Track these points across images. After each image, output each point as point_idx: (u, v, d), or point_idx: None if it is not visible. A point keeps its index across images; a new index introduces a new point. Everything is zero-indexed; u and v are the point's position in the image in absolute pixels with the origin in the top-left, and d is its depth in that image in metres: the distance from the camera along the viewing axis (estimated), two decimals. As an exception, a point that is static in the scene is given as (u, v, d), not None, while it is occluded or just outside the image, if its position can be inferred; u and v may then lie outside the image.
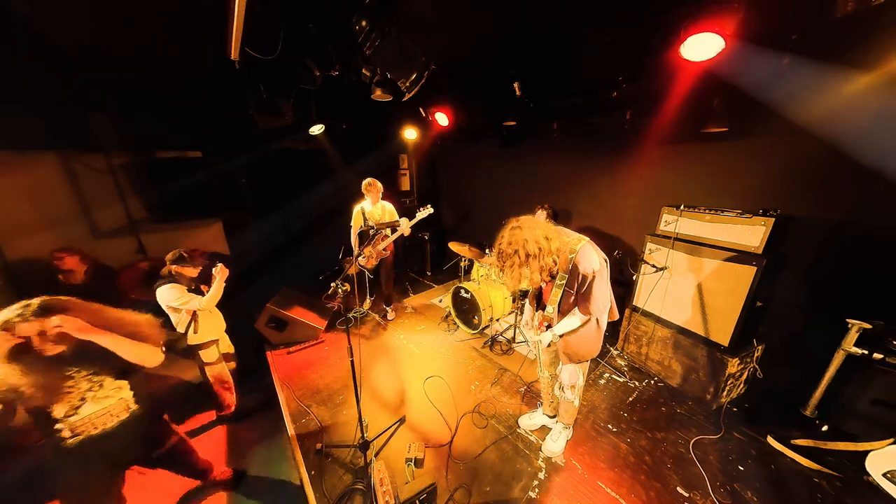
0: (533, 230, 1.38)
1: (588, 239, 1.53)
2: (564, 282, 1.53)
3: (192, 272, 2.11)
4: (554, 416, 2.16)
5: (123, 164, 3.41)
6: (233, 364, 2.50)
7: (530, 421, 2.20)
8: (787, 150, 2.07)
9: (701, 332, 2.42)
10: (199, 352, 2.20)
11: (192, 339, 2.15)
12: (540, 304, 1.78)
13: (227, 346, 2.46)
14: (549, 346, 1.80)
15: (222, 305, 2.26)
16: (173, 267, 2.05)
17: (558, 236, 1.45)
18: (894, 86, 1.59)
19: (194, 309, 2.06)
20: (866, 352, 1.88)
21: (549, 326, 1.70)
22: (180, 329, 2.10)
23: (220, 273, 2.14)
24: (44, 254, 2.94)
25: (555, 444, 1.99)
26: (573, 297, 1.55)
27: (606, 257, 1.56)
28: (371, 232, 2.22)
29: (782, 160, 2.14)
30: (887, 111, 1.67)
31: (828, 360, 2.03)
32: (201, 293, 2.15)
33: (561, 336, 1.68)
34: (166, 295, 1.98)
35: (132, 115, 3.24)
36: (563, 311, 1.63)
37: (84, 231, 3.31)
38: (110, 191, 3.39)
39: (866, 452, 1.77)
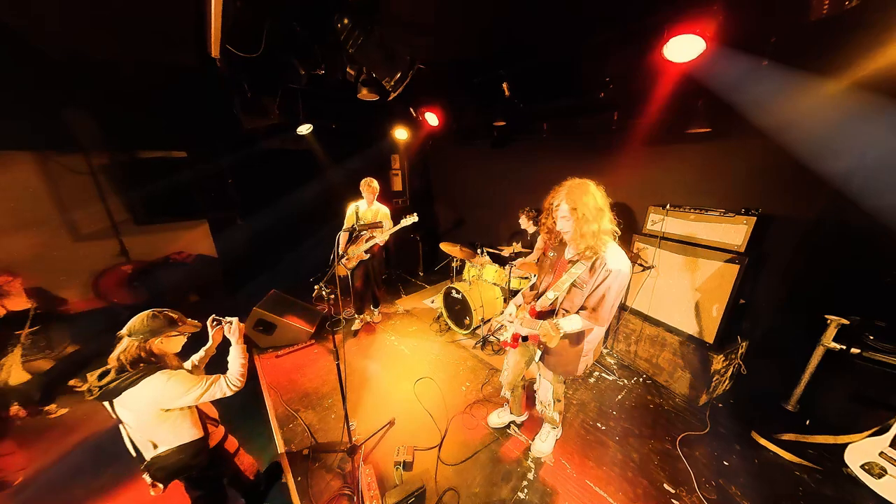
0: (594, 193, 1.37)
1: None
2: (580, 272, 1.38)
3: (179, 341, 1.36)
4: (522, 415, 2.18)
5: (105, 164, 3.31)
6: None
7: (499, 419, 2.21)
8: (767, 151, 2.11)
9: (687, 329, 2.45)
10: (227, 445, 1.58)
11: (215, 437, 1.51)
12: (540, 290, 1.61)
13: (233, 441, 1.66)
14: (526, 340, 1.62)
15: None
16: (153, 343, 1.25)
17: (612, 221, 1.40)
18: (863, 91, 1.64)
19: (220, 396, 1.35)
20: (844, 347, 1.93)
21: (540, 317, 1.52)
22: (193, 433, 1.35)
23: (236, 331, 1.44)
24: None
25: (544, 445, 1.99)
26: (580, 297, 1.42)
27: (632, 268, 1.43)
28: (355, 234, 2.13)
29: (762, 160, 2.19)
30: (858, 114, 1.73)
31: (808, 356, 2.09)
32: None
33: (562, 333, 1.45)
34: (170, 392, 1.22)
35: (114, 115, 3.15)
36: (562, 311, 1.50)
37: (63, 233, 3.21)
38: (91, 192, 3.29)
39: (845, 445, 1.82)
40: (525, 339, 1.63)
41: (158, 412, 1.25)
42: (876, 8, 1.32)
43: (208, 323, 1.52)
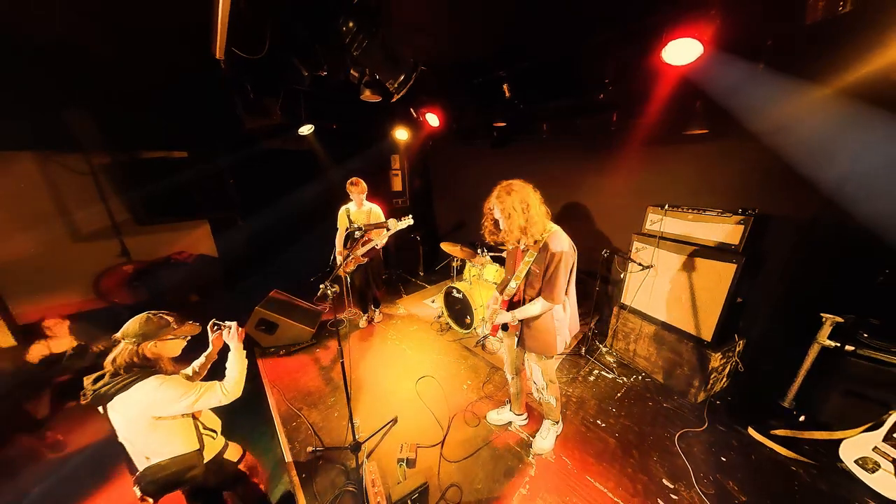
0: (520, 193, 1.53)
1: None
2: (533, 259, 1.58)
3: (176, 345, 1.30)
4: (521, 415, 2.22)
5: (105, 164, 3.32)
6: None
7: (498, 416, 2.24)
8: (763, 153, 2.13)
9: (685, 327, 2.49)
10: (227, 455, 1.47)
11: (213, 448, 1.40)
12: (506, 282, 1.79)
13: (236, 450, 1.58)
14: (506, 329, 1.80)
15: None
16: (146, 347, 1.21)
17: (541, 213, 1.54)
18: (857, 96, 1.67)
19: (215, 404, 1.29)
20: (839, 344, 1.97)
21: (511, 308, 1.71)
22: (188, 445, 1.29)
23: (234, 336, 1.41)
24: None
25: (545, 441, 2.03)
26: (538, 281, 1.59)
27: (576, 248, 1.61)
28: (357, 234, 2.10)
29: (759, 161, 2.22)
30: (851, 119, 1.76)
31: (804, 353, 2.12)
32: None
33: (519, 320, 1.69)
34: (161, 398, 1.17)
35: (114, 115, 3.15)
36: (527, 298, 1.67)
37: (63, 234, 3.21)
38: (91, 192, 3.30)
39: (840, 440, 1.86)
40: (505, 327, 1.80)
41: (150, 420, 1.18)
42: (876, 9, 1.34)
43: (208, 328, 1.47)
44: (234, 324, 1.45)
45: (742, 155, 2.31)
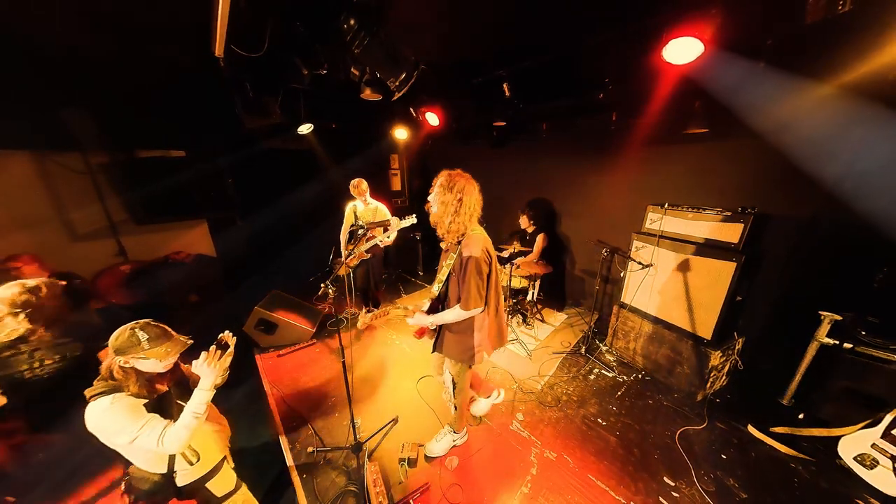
0: (466, 191, 1.50)
1: (485, 235, 1.59)
2: (452, 262, 1.55)
3: (154, 365, 1.11)
4: (492, 396, 2.15)
5: (103, 163, 3.29)
6: None
7: (476, 408, 2.20)
8: (763, 151, 2.15)
9: (685, 326, 2.49)
10: (211, 486, 1.26)
11: (190, 475, 1.21)
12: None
13: (228, 480, 1.35)
14: (432, 328, 1.74)
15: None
16: (117, 362, 1.06)
17: (470, 214, 1.51)
18: (856, 95, 1.69)
19: (151, 450, 1.06)
20: (838, 342, 1.98)
21: (432, 311, 1.66)
22: (156, 467, 1.14)
23: (207, 371, 1.13)
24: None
25: (437, 445, 1.96)
26: (456, 285, 1.54)
27: (492, 255, 1.55)
28: (360, 232, 2.12)
29: (758, 160, 2.24)
30: (851, 118, 1.77)
31: (803, 351, 2.13)
32: (167, 402, 1.15)
33: (435, 323, 1.64)
34: (103, 423, 1.03)
35: (114, 115, 3.13)
36: (448, 303, 1.63)
37: (60, 233, 3.19)
38: (88, 191, 3.27)
39: (838, 438, 1.87)
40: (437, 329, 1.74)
41: (110, 443, 1.06)
42: (876, 9, 1.35)
43: (223, 339, 1.24)
44: (204, 353, 1.13)
45: (741, 154, 2.33)
